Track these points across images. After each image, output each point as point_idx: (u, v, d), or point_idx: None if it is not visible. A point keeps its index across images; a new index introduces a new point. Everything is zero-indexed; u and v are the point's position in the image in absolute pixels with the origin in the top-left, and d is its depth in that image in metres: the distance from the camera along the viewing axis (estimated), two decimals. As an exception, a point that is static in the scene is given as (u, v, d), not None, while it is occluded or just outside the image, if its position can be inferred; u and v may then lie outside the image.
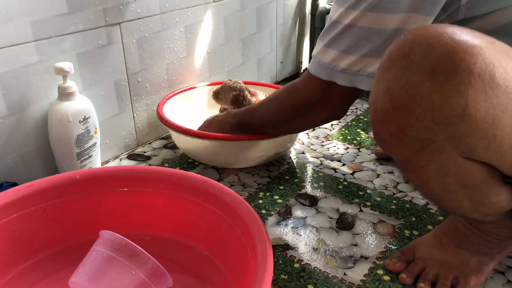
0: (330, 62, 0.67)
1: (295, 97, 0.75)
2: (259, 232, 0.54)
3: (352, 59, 0.64)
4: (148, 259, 0.53)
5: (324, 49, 0.68)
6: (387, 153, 0.57)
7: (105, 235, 0.55)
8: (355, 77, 0.65)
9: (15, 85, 0.76)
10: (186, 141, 0.92)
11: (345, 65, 0.65)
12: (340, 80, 0.66)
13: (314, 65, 0.70)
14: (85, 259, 0.55)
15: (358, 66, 0.64)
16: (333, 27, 0.66)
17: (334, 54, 0.66)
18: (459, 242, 0.64)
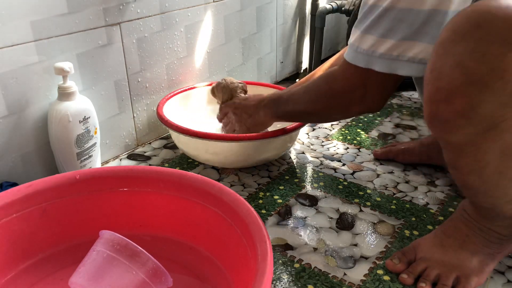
0: (369, 48, 0.64)
1: (333, 85, 0.73)
2: (259, 232, 0.54)
3: (391, 43, 0.62)
4: (148, 259, 0.53)
5: (362, 35, 0.65)
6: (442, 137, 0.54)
7: (105, 235, 0.55)
8: (395, 63, 0.63)
9: (15, 85, 0.76)
10: (186, 141, 0.92)
11: (384, 49, 0.63)
12: (378, 66, 0.64)
13: (351, 52, 0.67)
14: (85, 259, 0.55)
15: (397, 51, 0.62)
16: (370, 12, 0.64)
17: (372, 39, 0.64)
18: (460, 242, 0.64)
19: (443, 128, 0.53)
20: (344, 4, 1.44)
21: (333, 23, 1.62)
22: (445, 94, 0.50)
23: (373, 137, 1.08)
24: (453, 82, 0.48)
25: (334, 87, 0.73)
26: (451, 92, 0.49)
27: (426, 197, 0.84)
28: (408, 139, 1.07)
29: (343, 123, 1.16)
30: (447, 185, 0.88)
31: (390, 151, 0.97)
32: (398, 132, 1.11)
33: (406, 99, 1.32)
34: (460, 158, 0.55)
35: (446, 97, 0.50)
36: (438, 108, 0.51)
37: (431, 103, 0.52)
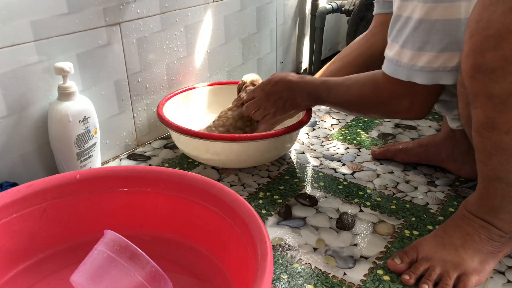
0: (408, 61, 0.65)
1: (380, 93, 0.73)
2: (259, 232, 0.54)
3: (429, 55, 0.63)
4: (148, 263, 0.53)
5: (401, 50, 0.66)
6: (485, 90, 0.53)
7: (107, 235, 0.55)
8: (436, 74, 0.64)
9: (15, 85, 0.76)
10: (186, 141, 0.92)
11: (423, 63, 0.64)
12: (419, 79, 0.65)
13: (391, 66, 0.68)
14: (87, 257, 0.55)
15: (437, 62, 0.63)
16: (405, 25, 0.64)
17: (410, 53, 0.64)
18: (462, 241, 0.65)
19: (488, 79, 0.52)
20: (344, 4, 1.44)
21: (333, 23, 1.62)
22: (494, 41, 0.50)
23: (373, 137, 1.08)
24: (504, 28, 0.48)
25: (381, 95, 0.73)
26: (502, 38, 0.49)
27: (426, 197, 0.84)
28: (408, 139, 1.07)
29: (343, 123, 1.16)
30: (447, 185, 0.88)
31: (388, 150, 0.97)
32: (398, 132, 1.11)
33: (406, 99, 1.32)
34: (501, 113, 0.54)
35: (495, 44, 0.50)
36: (485, 57, 0.51)
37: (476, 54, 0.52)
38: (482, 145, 0.59)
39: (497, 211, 0.62)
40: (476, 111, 0.58)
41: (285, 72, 0.97)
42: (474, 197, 0.66)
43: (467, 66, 0.55)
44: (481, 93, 0.55)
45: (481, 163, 0.61)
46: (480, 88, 0.55)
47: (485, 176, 0.62)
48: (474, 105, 0.58)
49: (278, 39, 1.39)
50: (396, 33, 0.67)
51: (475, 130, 0.59)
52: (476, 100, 0.57)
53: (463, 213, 0.67)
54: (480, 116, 0.57)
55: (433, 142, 0.92)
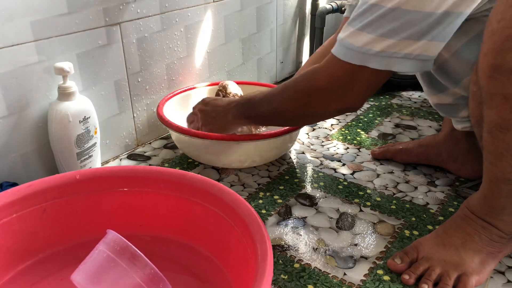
0: (363, 45, 0.64)
1: (316, 81, 0.70)
2: (259, 232, 0.54)
3: (389, 42, 0.62)
4: (147, 265, 0.52)
5: (357, 33, 0.64)
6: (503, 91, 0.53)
7: (109, 235, 0.54)
8: (390, 60, 0.63)
9: (15, 85, 0.76)
10: (186, 141, 0.92)
11: (380, 48, 0.63)
12: (373, 64, 0.64)
13: (342, 49, 0.66)
14: (88, 257, 0.54)
15: (394, 49, 0.62)
16: (370, 10, 0.63)
17: (368, 37, 0.63)
18: (462, 241, 0.65)
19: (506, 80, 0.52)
20: (344, 4, 1.44)
21: (333, 23, 1.62)
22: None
23: (373, 137, 1.08)
24: None
25: (316, 84, 0.70)
26: None
27: (426, 197, 0.84)
28: (408, 139, 1.07)
29: (343, 123, 1.16)
30: (447, 185, 0.88)
31: (387, 150, 0.97)
32: (398, 132, 1.11)
33: (406, 99, 1.32)
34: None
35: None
36: (505, 57, 0.51)
37: (496, 54, 0.52)
38: (494, 146, 0.59)
39: (500, 212, 0.62)
40: (490, 111, 0.57)
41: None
42: (476, 198, 0.66)
43: (486, 65, 0.54)
44: (498, 94, 0.55)
45: (490, 164, 0.61)
46: (497, 88, 0.54)
47: (492, 177, 0.61)
48: (489, 105, 0.57)
49: (278, 39, 1.39)
50: (355, 17, 0.65)
51: (487, 130, 0.59)
52: (492, 100, 0.56)
53: (464, 213, 0.66)
54: (495, 116, 0.57)
55: (433, 142, 0.92)
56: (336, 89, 0.68)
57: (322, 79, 0.69)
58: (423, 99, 1.31)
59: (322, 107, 0.72)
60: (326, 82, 0.69)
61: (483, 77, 0.55)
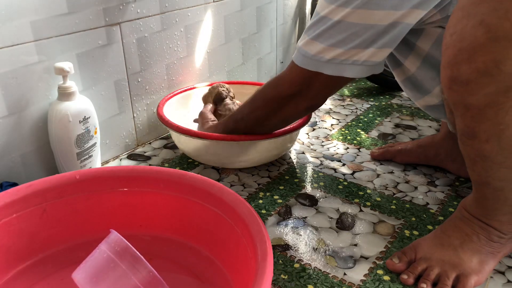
0: (316, 53, 0.69)
1: (279, 88, 0.77)
2: (259, 232, 0.54)
3: (338, 51, 0.67)
4: (146, 267, 0.52)
5: (311, 42, 0.69)
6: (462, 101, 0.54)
7: (111, 235, 0.54)
8: (341, 66, 0.68)
9: (15, 85, 0.76)
10: (186, 141, 0.92)
11: (331, 56, 0.68)
12: (326, 70, 0.69)
13: (299, 56, 0.72)
14: (90, 255, 0.54)
15: (343, 57, 0.67)
16: (320, 22, 0.68)
17: (320, 47, 0.68)
18: (461, 241, 0.65)
19: (464, 91, 0.53)
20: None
21: (333, 23, 1.62)
22: (468, 54, 0.50)
23: (373, 137, 1.08)
24: (475, 41, 0.49)
25: (280, 90, 0.77)
26: (474, 51, 0.50)
27: (426, 197, 0.84)
28: (408, 139, 1.07)
29: (343, 123, 1.16)
30: (447, 185, 0.88)
31: (387, 151, 0.97)
32: (398, 132, 1.11)
33: (406, 99, 1.32)
34: (479, 123, 0.55)
35: (468, 57, 0.50)
36: (460, 69, 0.52)
37: (451, 66, 0.53)
38: (466, 152, 0.61)
39: (493, 213, 0.62)
40: (457, 120, 0.59)
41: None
42: (470, 199, 0.66)
43: (445, 78, 0.55)
44: (459, 104, 0.56)
45: (468, 169, 0.63)
46: (457, 99, 0.55)
47: (473, 181, 0.63)
48: (455, 114, 0.58)
49: (278, 39, 1.39)
50: (310, 26, 0.70)
51: (459, 138, 0.61)
52: (456, 110, 0.57)
53: (462, 213, 0.67)
54: (461, 125, 0.58)
55: (432, 143, 0.92)
56: (298, 92, 0.75)
57: (285, 85, 0.76)
58: (423, 99, 1.31)
59: (290, 110, 0.79)
60: (288, 87, 0.76)
61: (445, 88, 0.57)
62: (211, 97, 1.00)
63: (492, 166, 0.58)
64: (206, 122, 0.93)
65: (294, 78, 0.74)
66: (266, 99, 0.80)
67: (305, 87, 0.74)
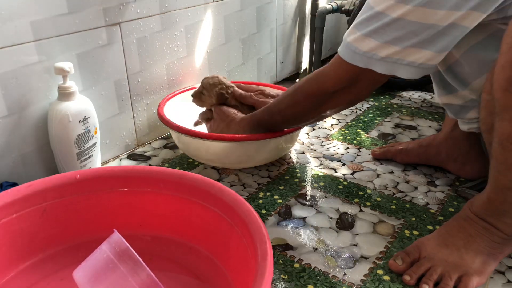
0: (369, 50, 0.66)
1: (323, 83, 0.74)
2: (259, 232, 0.54)
3: (394, 49, 0.65)
4: (144, 270, 0.52)
5: (363, 38, 0.67)
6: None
7: (113, 236, 0.54)
8: (394, 65, 0.66)
9: (15, 85, 0.76)
10: (186, 142, 0.92)
11: (385, 54, 0.65)
12: (378, 68, 0.67)
13: (349, 52, 0.69)
14: (91, 255, 0.54)
15: (398, 56, 0.65)
16: (376, 17, 0.65)
17: (374, 43, 0.66)
18: (465, 242, 0.65)
19: None
20: (344, 4, 1.44)
21: (333, 23, 1.62)
22: None
23: (373, 137, 1.08)
24: None
25: (325, 86, 0.74)
26: None
27: (426, 197, 0.84)
28: (408, 139, 1.07)
29: (343, 123, 1.16)
30: (447, 185, 0.88)
31: (388, 151, 0.97)
32: (398, 132, 1.11)
33: (406, 99, 1.32)
34: None
35: None
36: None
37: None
38: (504, 157, 0.59)
39: (503, 215, 0.62)
40: (503, 123, 0.57)
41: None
42: (480, 200, 0.65)
43: (502, 78, 0.54)
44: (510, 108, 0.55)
45: (498, 173, 0.61)
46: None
47: (499, 184, 0.62)
48: (502, 117, 0.57)
49: (278, 39, 1.39)
50: (362, 21, 0.67)
51: (498, 141, 0.59)
52: (506, 113, 0.56)
53: (467, 213, 0.66)
54: (508, 129, 0.57)
55: (433, 143, 0.92)
56: (343, 88, 0.72)
57: (330, 81, 0.73)
58: (423, 99, 1.31)
59: (332, 104, 0.77)
60: (334, 83, 0.73)
61: (499, 89, 0.55)
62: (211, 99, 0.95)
63: None
64: (233, 117, 0.90)
65: (341, 74, 0.72)
66: (308, 94, 0.77)
67: (351, 83, 0.71)
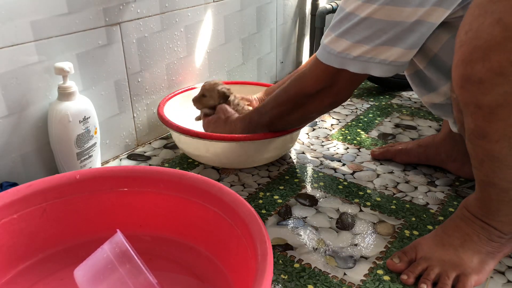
0: (342, 51, 0.69)
1: (303, 85, 0.77)
2: (259, 232, 0.54)
3: (365, 48, 0.67)
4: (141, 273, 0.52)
5: (336, 39, 0.69)
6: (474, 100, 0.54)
7: (115, 236, 0.54)
8: (367, 64, 0.68)
9: (15, 85, 0.76)
10: (187, 142, 0.92)
11: (357, 53, 0.68)
12: (352, 68, 0.69)
13: (324, 53, 0.72)
14: (93, 254, 0.54)
15: (370, 54, 0.67)
16: (347, 18, 0.68)
17: (346, 43, 0.68)
18: (461, 241, 0.65)
19: (476, 90, 0.53)
20: (344, 4, 1.43)
21: (333, 23, 1.62)
22: (483, 52, 0.50)
23: (373, 137, 1.08)
24: (492, 39, 0.49)
25: (304, 87, 0.77)
26: (490, 49, 0.49)
27: (426, 197, 0.84)
28: (408, 139, 1.07)
29: (343, 123, 1.16)
30: (447, 185, 0.88)
31: (387, 151, 0.97)
32: (398, 132, 1.11)
33: (406, 99, 1.32)
34: (491, 123, 0.55)
35: (483, 55, 0.50)
36: (474, 68, 0.51)
37: (465, 65, 0.52)
38: (474, 152, 0.60)
39: (495, 213, 0.62)
40: (467, 119, 0.58)
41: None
42: (472, 199, 0.66)
43: (457, 76, 0.55)
44: (470, 103, 0.56)
45: (475, 169, 0.62)
46: (469, 98, 0.55)
47: (479, 181, 0.63)
48: (465, 114, 0.58)
49: (278, 39, 1.39)
50: (335, 24, 0.70)
51: (467, 137, 0.60)
52: (467, 109, 0.57)
53: (463, 213, 0.67)
54: (471, 125, 0.58)
55: (433, 143, 0.92)
56: (322, 89, 0.75)
57: (309, 82, 0.76)
58: (423, 99, 1.31)
59: (314, 107, 0.79)
60: (313, 84, 0.76)
61: (456, 87, 0.56)
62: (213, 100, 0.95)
63: (501, 167, 0.58)
64: (231, 114, 0.91)
65: (319, 75, 0.74)
66: (289, 96, 0.80)
67: (329, 84, 0.74)
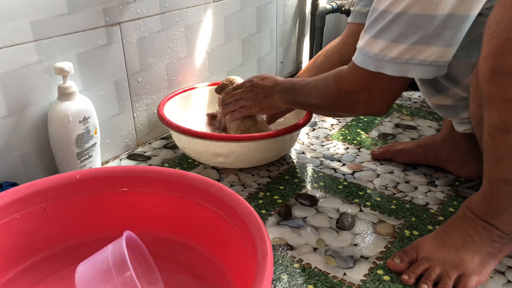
0: (379, 52, 0.66)
1: (341, 85, 0.74)
2: (259, 232, 0.54)
3: (402, 47, 0.64)
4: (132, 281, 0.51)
5: (372, 40, 0.67)
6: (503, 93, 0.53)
7: (119, 240, 0.54)
8: (405, 66, 0.65)
9: (15, 85, 0.76)
10: (187, 142, 0.92)
11: (395, 54, 0.65)
12: (389, 70, 0.66)
13: (360, 56, 0.69)
14: (96, 254, 0.54)
15: (408, 55, 0.64)
16: (381, 17, 0.66)
17: (382, 44, 0.65)
18: (463, 241, 0.65)
19: (506, 82, 0.52)
20: (344, 4, 1.44)
21: (333, 23, 1.62)
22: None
23: (373, 137, 1.08)
24: None
25: (342, 87, 0.74)
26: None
27: (426, 197, 0.84)
28: (408, 139, 1.07)
29: (343, 123, 1.16)
30: (447, 185, 0.88)
31: (387, 151, 0.97)
32: (398, 132, 1.11)
33: (406, 99, 1.32)
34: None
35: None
36: (505, 60, 0.51)
37: (496, 56, 0.52)
38: (494, 148, 0.59)
39: (500, 212, 0.62)
40: (491, 113, 0.57)
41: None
42: (477, 198, 0.65)
43: (486, 68, 0.54)
44: (498, 96, 0.55)
45: (490, 166, 0.61)
46: (497, 91, 0.54)
47: (493, 178, 0.61)
48: (489, 108, 0.57)
49: (278, 39, 1.39)
50: (369, 25, 0.68)
51: (488, 132, 0.59)
52: (492, 103, 0.56)
53: (465, 213, 0.66)
54: (495, 119, 0.57)
55: (433, 143, 0.92)
56: (359, 94, 0.72)
57: (346, 84, 0.73)
58: (423, 99, 1.31)
59: (349, 108, 0.76)
60: (349, 87, 0.73)
61: (483, 80, 0.56)
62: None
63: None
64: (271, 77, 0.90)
65: (355, 79, 0.71)
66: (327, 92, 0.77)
67: (365, 90, 0.71)
